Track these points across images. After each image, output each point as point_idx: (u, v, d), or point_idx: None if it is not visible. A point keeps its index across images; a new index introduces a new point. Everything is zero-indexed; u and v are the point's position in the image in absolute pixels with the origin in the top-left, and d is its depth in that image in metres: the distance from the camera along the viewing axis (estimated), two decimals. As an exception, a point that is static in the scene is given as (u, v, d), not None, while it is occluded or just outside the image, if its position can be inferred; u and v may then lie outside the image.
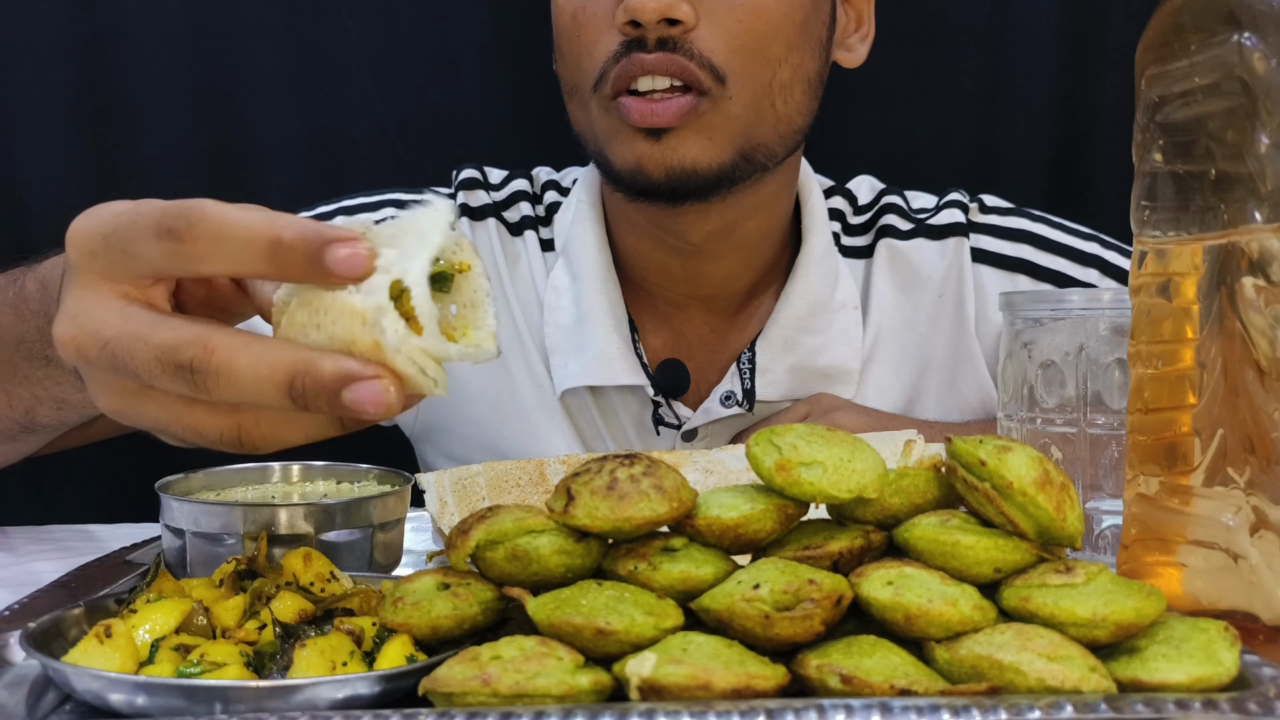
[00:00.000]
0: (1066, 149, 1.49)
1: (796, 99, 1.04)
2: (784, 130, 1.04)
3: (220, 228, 0.53)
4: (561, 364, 1.12)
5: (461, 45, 1.45)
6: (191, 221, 0.53)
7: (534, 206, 1.20)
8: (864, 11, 1.14)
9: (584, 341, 1.10)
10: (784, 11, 1.00)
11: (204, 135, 1.43)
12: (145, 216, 0.55)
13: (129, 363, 0.54)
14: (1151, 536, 0.67)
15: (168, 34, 1.42)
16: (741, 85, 0.99)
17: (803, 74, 1.04)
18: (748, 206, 1.07)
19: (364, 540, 0.78)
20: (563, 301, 1.13)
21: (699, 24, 0.97)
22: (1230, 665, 0.52)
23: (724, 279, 1.12)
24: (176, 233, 0.54)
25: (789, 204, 1.14)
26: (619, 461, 0.59)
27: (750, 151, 1.02)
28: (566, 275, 1.13)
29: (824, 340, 1.11)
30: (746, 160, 1.02)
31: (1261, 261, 0.62)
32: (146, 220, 0.54)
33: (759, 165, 1.04)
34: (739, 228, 1.08)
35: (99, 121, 1.42)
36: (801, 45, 1.03)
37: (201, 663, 0.55)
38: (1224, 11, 0.63)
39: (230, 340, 0.53)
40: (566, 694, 0.51)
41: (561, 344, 1.12)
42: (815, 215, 1.14)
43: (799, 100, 1.04)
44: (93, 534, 1.04)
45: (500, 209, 1.19)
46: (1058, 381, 0.78)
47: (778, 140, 1.04)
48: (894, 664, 0.53)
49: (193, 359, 0.53)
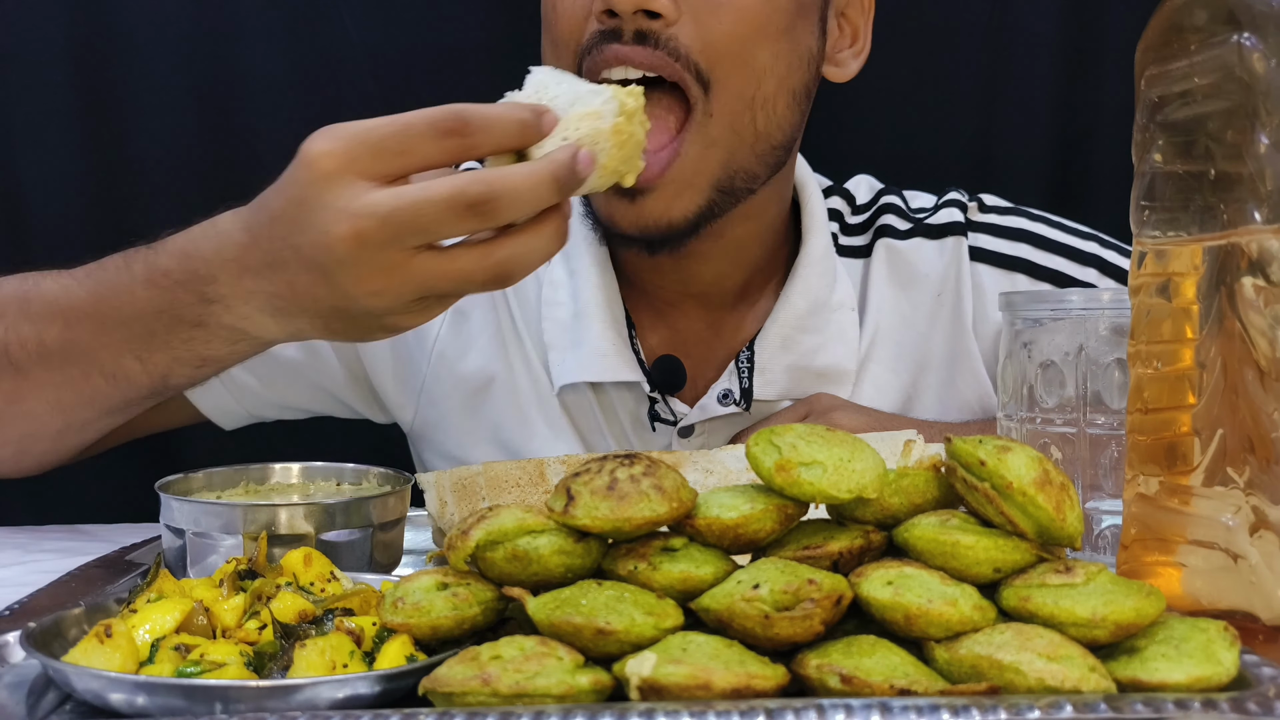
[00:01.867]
0: (1066, 149, 1.49)
1: (779, 114, 1.02)
2: (762, 149, 1.02)
3: (487, 122, 0.70)
4: (559, 359, 1.12)
5: (461, 45, 1.45)
6: (466, 120, 0.70)
7: None
8: (860, 27, 1.12)
9: (581, 337, 1.10)
10: (767, 14, 0.98)
11: (204, 135, 1.43)
12: (417, 123, 0.70)
13: (416, 222, 0.69)
14: (1151, 536, 0.67)
15: (168, 35, 1.41)
16: (723, 98, 0.97)
17: (788, 86, 1.02)
18: (735, 215, 1.05)
19: (364, 540, 0.78)
20: (560, 297, 1.13)
21: (680, 21, 0.95)
22: (1230, 665, 0.52)
23: (714, 278, 1.12)
24: (457, 131, 0.70)
25: (783, 207, 1.14)
26: (619, 462, 0.59)
27: (728, 182, 1.01)
28: (564, 271, 1.13)
29: (821, 340, 1.11)
30: (725, 193, 1.01)
31: (1261, 261, 0.62)
32: (421, 125, 0.70)
33: (739, 193, 1.03)
34: (727, 233, 1.07)
35: (99, 121, 1.41)
36: (789, 54, 1.01)
37: (201, 662, 0.55)
38: (1224, 11, 0.63)
39: (493, 171, 0.70)
40: (566, 694, 0.51)
41: (559, 340, 1.12)
42: (815, 215, 1.14)
43: (780, 115, 1.02)
44: (93, 534, 1.04)
45: None
46: (1057, 381, 0.78)
47: (756, 160, 1.02)
48: (894, 664, 0.53)
49: (479, 193, 0.68)
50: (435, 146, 0.70)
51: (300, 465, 0.88)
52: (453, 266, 0.71)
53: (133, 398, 0.90)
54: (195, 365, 0.86)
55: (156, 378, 0.87)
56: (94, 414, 0.93)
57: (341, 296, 0.74)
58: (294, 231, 0.74)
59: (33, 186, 1.41)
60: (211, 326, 0.82)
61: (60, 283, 0.91)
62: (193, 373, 0.87)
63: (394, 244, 0.70)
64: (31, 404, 0.92)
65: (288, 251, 0.75)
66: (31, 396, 0.92)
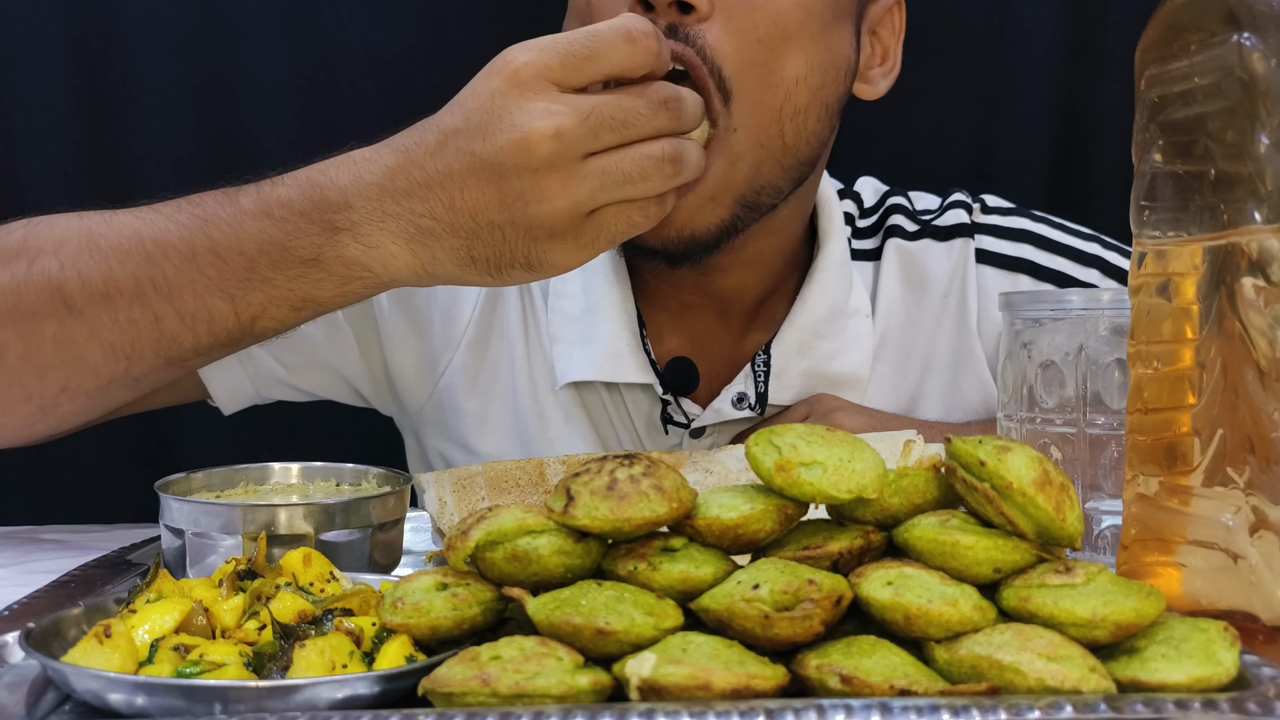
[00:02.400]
0: (1066, 149, 1.49)
1: (809, 128, 0.98)
2: (789, 163, 0.99)
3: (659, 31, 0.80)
4: (565, 353, 1.11)
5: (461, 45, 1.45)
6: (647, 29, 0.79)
7: None
8: (891, 47, 1.10)
9: (593, 334, 1.09)
10: (801, 19, 0.95)
11: (203, 135, 1.43)
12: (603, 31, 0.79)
13: (616, 115, 0.77)
14: (1151, 536, 0.67)
15: (168, 34, 1.41)
16: (748, 111, 0.94)
17: (822, 98, 0.99)
18: (758, 230, 1.03)
19: (364, 540, 0.78)
20: (569, 290, 1.12)
21: (713, 19, 0.92)
22: (1230, 665, 0.52)
23: (735, 289, 1.10)
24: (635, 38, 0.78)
25: (804, 221, 1.13)
26: (619, 462, 0.59)
27: (754, 197, 0.98)
28: None
29: (838, 346, 1.11)
30: (749, 209, 0.98)
31: (1261, 261, 0.62)
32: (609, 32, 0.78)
33: (763, 208, 1.00)
34: (749, 246, 1.05)
35: (99, 121, 1.41)
36: (823, 64, 0.98)
37: (201, 663, 0.55)
38: (1224, 11, 0.63)
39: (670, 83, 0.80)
40: (566, 694, 0.51)
41: (565, 333, 1.11)
42: (833, 221, 1.13)
43: (811, 129, 0.99)
44: (93, 534, 1.04)
45: None
46: (1057, 381, 0.78)
47: (782, 175, 0.99)
48: (894, 664, 0.53)
49: (672, 92, 0.79)
50: (622, 50, 0.78)
51: (300, 465, 0.88)
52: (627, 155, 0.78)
53: (206, 344, 0.87)
54: (293, 307, 0.85)
55: (245, 320, 0.85)
56: (155, 364, 0.89)
57: (509, 205, 0.78)
58: (480, 139, 0.78)
59: (32, 186, 1.41)
60: (328, 261, 0.82)
61: (142, 218, 0.88)
62: (287, 315, 0.86)
63: (590, 139, 0.77)
64: (83, 349, 0.88)
65: (463, 161, 0.78)
66: (85, 341, 0.87)
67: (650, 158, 0.78)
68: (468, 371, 1.14)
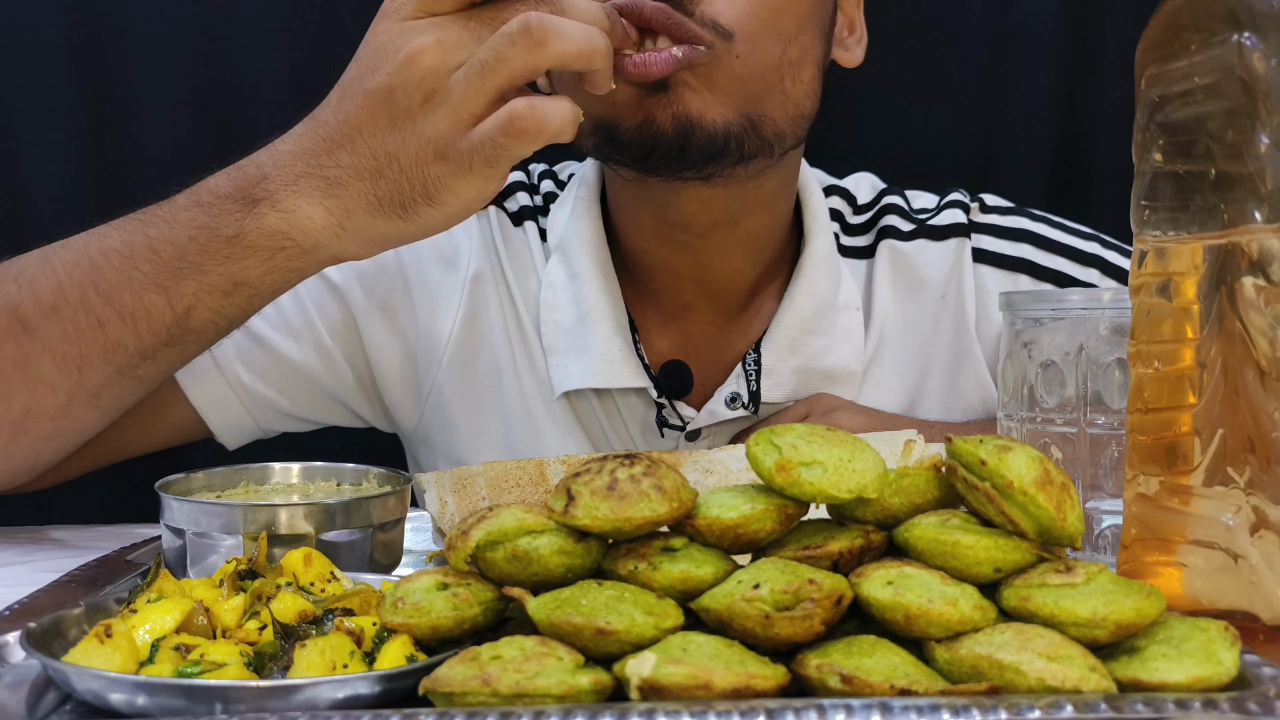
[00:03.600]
0: (1066, 149, 1.49)
1: (805, 82, 1.00)
2: (793, 113, 1.00)
3: None
4: (560, 363, 1.11)
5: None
6: None
7: (532, 197, 1.19)
8: (854, 17, 1.12)
9: (586, 343, 1.09)
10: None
11: (204, 135, 1.42)
12: None
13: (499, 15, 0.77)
14: (1151, 536, 0.67)
15: (167, 33, 1.41)
16: (750, 48, 0.95)
17: (813, 56, 1.01)
18: (750, 200, 1.05)
19: (364, 540, 0.78)
20: (560, 300, 1.12)
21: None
22: (1230, 665, 0.52)
23: (729, 274, 1.11)
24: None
25: (790, 204, 1.13)
26: (619, 462, 0.59)
27: (758, 120, 0.97)
28: (563, 273, 1.12)
29: (828, 341, 1.11)
30: (753, 127, 0.97)
31: (1261, 261, 0.62)
32: None
33: (765, 142, 0.99)
34: (742, 221, 1.06)
35: (99, 121, 1.41)
36: (811, 26, 1.00)
37: (201, 663, 0.55)
38: (1224, 11, 0.63)
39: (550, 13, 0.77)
40: (566, 694, 0.51)
41: (559, 343, 1.11)
42: (817, 215, 1.13)
43: (807, 84, 1.01)
44: (93, 534, 1.04)
45: (500, 199, 1.18)
46: (1058, 381, 0.78)
47: (786, 121, 1.00)
48: (894, 664, 0.53)
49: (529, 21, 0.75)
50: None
51: (300, 465, 0.88)
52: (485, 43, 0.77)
53: (149, 344, 0.88)
54: (224, 293, 0.86)
55: (180, 312, 0.87)
56: (105, 373, 0.90)
57: (398, 124, 0.79)
58: (371, 75, 0.80)
59: (32, 185, 1.41)
60: (250, 235, 0.83)
61: (93, 232, 0.91)
62: (220, 303, 0.87)
63: (474, 42, 0.77)
64: (38, 365, 0.89)
65: (358, 101, 0.80)
66: (39, 356, 0.89)
67: (503, 34, 0.76)
68: (454, 389, 1.14)
